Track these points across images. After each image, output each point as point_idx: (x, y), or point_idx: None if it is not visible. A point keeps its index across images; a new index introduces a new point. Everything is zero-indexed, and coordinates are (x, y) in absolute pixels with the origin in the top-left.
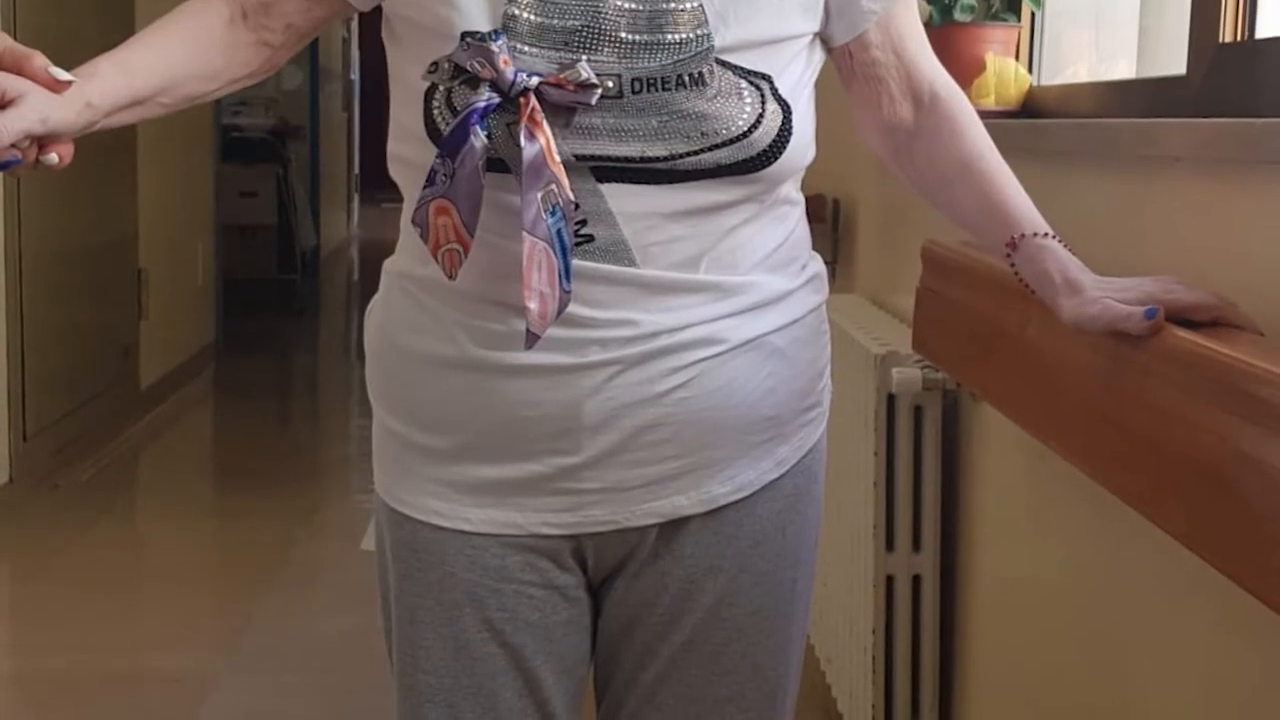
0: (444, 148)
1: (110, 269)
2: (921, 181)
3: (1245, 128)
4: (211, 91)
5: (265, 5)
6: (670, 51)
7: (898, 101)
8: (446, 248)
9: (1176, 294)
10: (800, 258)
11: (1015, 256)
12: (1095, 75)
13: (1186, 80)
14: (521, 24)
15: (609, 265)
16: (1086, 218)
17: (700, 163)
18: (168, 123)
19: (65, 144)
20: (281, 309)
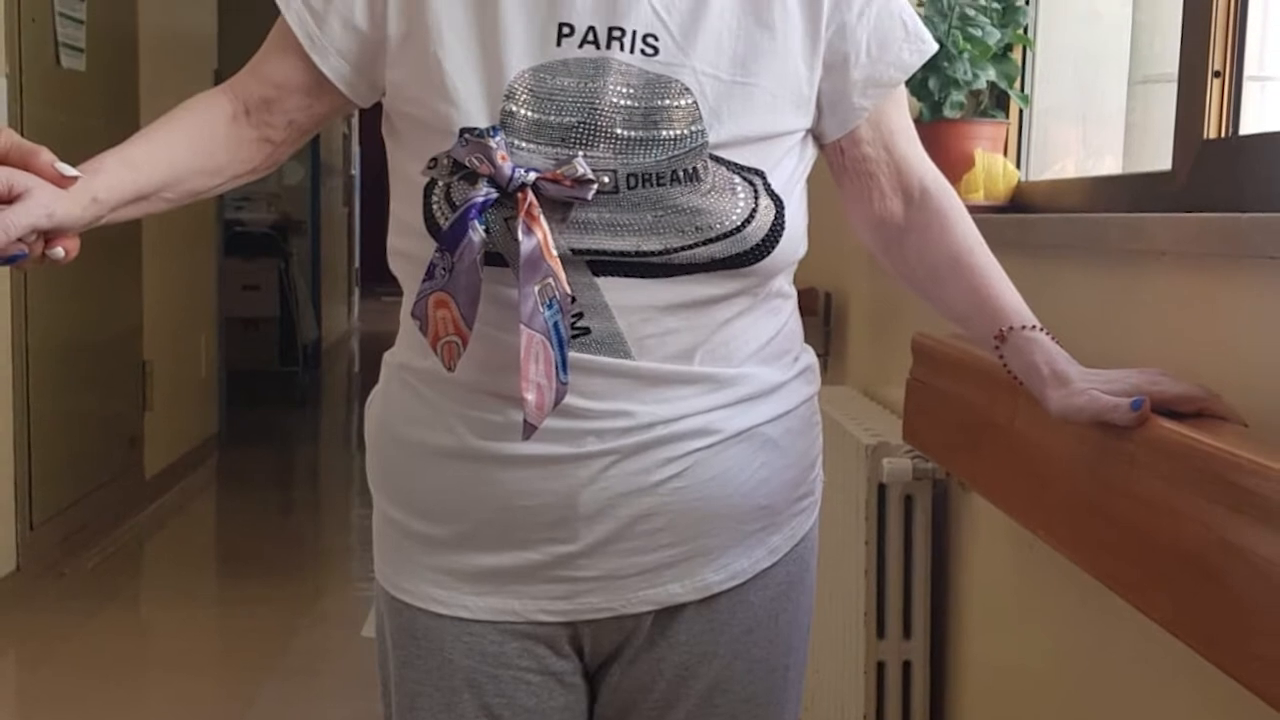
0: (443, 242)
1: (115, 361)
2: (911, 275)
3: (1230, 223)
4: (215, 186)
5: (267, 102)
6: (665, 147)
7: (888, 197)
8: (445, 340)
9: (1162, 386)
10: (793, 350)
11: (1004, 349)
12: (1082, 171)
13: (1172, 176)
14: (519, 120)
15: (605, 357)
16: (1074, 311)
17: (695, 257)
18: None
19: (71, 238)
20: (283, 400)
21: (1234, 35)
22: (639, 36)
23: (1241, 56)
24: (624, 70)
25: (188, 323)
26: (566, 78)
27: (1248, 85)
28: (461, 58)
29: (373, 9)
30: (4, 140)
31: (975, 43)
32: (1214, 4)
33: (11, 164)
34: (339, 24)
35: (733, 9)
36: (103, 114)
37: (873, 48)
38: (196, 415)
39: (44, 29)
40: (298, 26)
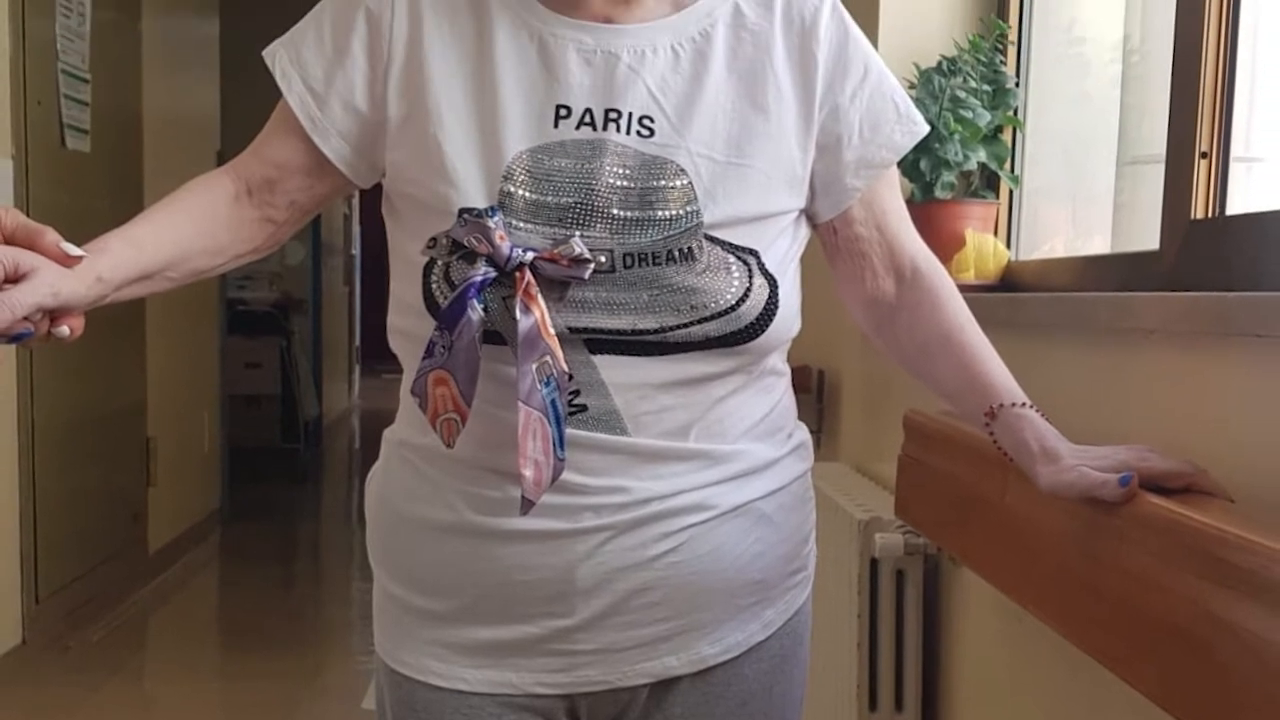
0: (442, 320)
1: (119, 437)
2: (903, 353)
3: (1217, 301)
4: (218, 266)
5: (269, 183)
6: (661, 227)
7: (880, 276)
8: (445, 417)
9: (1150, 462)
10: (786, 427)
11: (994, 425)
12: (1072, 250)
13: (1160, 255)
14: (517, 201)
15: (602, 434)
16: (1064, 388)
17: (690, 335)
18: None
19: (76, 316)
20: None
21: (1221, 117)
22: (635, 118)
23: (1228, 138)
24: (620, 151)
25: (191, 400)
26: (564, 159)
27: (1234, 166)
28: (461, 139)
29: (373, 91)
30: (10, 220)
31: (966, 124)
32: (1201, 86)
33: (18, 244)
34: (340, 106)
35: (727, 92)
36: (107, 194)
37: (865, 129)
38: (199, 491)
39: (49, 111)
40: (299, 108)
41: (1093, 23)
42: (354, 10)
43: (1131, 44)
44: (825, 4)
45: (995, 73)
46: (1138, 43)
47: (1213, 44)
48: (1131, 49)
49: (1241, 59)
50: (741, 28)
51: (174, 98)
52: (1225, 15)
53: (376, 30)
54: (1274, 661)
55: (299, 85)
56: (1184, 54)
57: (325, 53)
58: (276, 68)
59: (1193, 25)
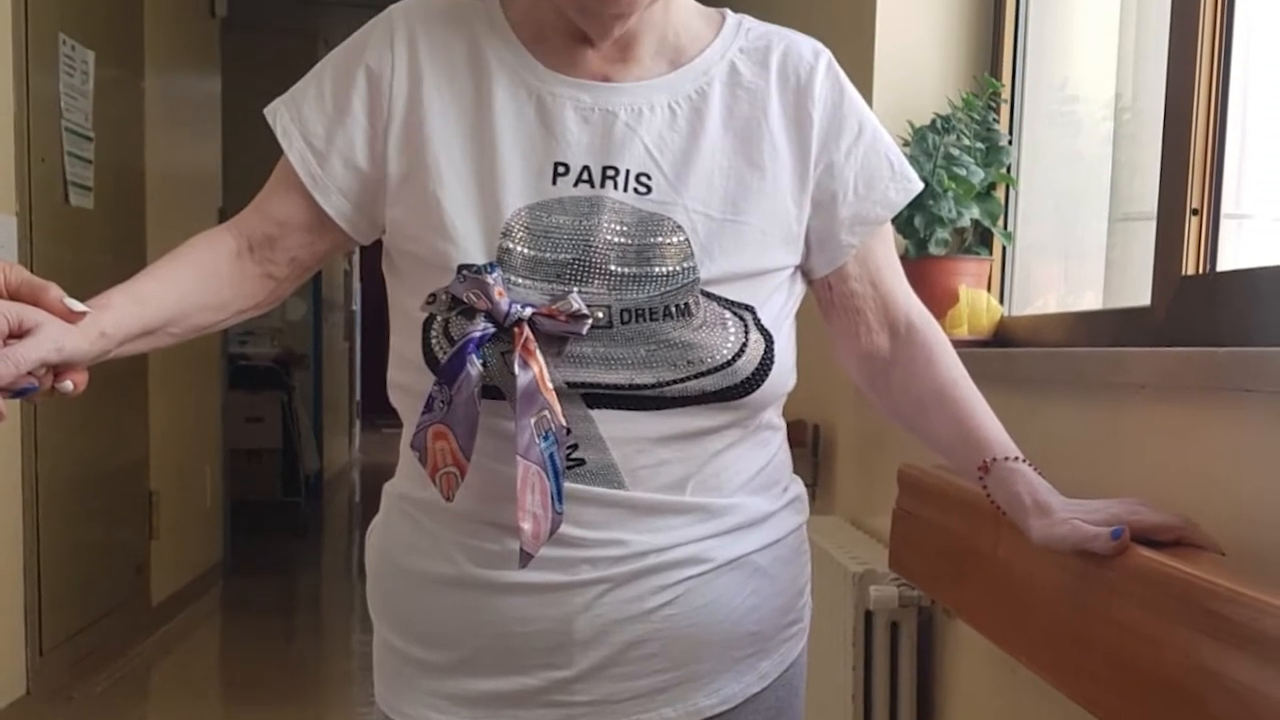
0: (442, 375)
1: (122, 491)
2: (897, 408)
3: (1207, 357)
4: (219, 322)
5: (271, 239)
6: (658, 283)
7: (875, 331)
8: (444, 471)
9: (1141, 515)
10: (782, 480)
11: (987, 479)
12: (1064, 306)
13: (1151, 311)
14: (515, 257)
15: (599, 488)
16: (1056, 442)
17: (686, 390)
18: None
19: (80, 371)
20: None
21: (1211, 174)
22: (632, 175)
23: (1219, 195)
24: (618, 208)
25: (193, 454)
26: (562, 216)
27: (1225, 223)
28: (460, 196)
29: (373, 149)
30: (14, 276)
31: (960, 182)
32: (1192, 144)
33: (22, 299)
34: (340, 163)
35: (723, 149)
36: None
37: (860, 186)
38: (201, 544)
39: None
40: (300, 166)
41: (1085, 81)
42: (354, 68)
43: (1123, 102)
44: (820, 62)
45: (988, 130)
46: (1129, 101)
47: (1203, 102)
48: (1123, 107)
49: (1232, 116)
50: (737, 86)
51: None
52: (1216, 74)
53: (377, 88)
54: (1265, 713)
55: (300, 142)
56: (1175, 112)
57: (326, 110)
58: (278, 125)
59: (1184, 84)
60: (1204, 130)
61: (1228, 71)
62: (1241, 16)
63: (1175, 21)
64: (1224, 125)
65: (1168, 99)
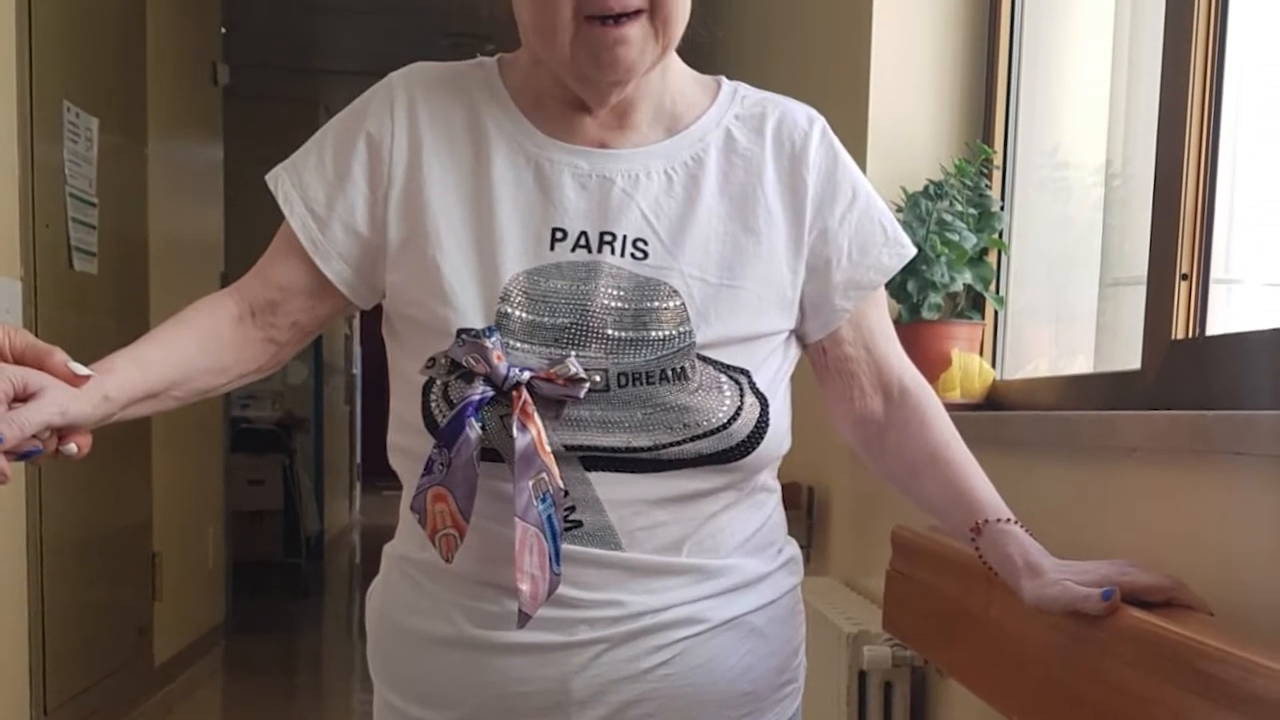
0: (441, 438)
1: (126, 553)
2: (891, 470)
3: (1197, 420)
4: (221, 385)
5: (272, 304)
6: (654, 347)
7: (869, 395)
8: (443, 533)
9: (1132, 576)
10: (777, 542)
11: (979, 541)
12: (1055, 370)
13: (1141, 375)
14: (514, 322)
15: (597, 549)
16: (1048, 504)
17: (683, 453)
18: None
19: (83, 434)
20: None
21: (1201, 240)
22: (629, 241)
23: (1208, 260)
24: (615, 273)
25: (195, 516)
26: (559, 280)
27: (1214, 288)
28: (459, 261)
29: (374, 215)
30: (19, 341)
31: (952, 247)
32: (1182, 210)
33: (27, 363)
34: (341, 229)
35: (719, 215)
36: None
37: (854, 251)
38: (204, 605)
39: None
40: (301, 231)
41: (1076, 147)
42: (355, 135)
43: (1114, 168)
44: (815, 129)
45: (981, 196)
46: (1120, 167)
47: (1193, 168)
48: (1114, 173)
49: (1221, 182)
50: (733, 152)
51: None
52: (1205, 140)
53: (377, 154)
54: None
55: (301, 208)
56: (1165, 178)
57: (327, 176)
58: (279, 191)
59: (1173, 150)
60: (1194, 196)
61: (1217, 137)
62: (1231, 83)
63: (1165, 88)
64: (1213, 191)
65: (1158, 165)
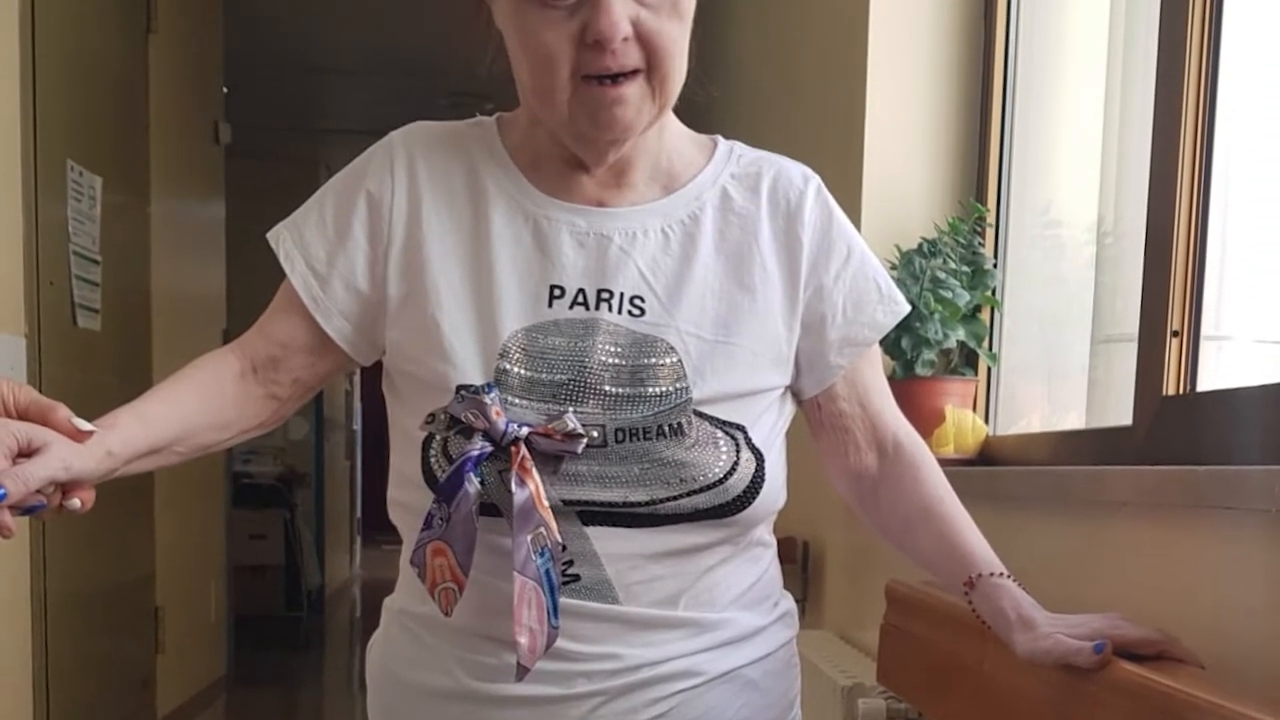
0: (440, 493)
1: (129, 606)
2: (885, 525)
3: (1187, 475)
4: (224, 441)
5: (274, 360)
6: (651, 404)
7: (863, 450)
8: (443, 586)
9: (1123, 630)
10: (773, 596)
11: (973, 595)
12: (1047, 426)
13: (1133, 431)
14: (512, 378)
15: (594, 603)
16: (1040, 558)
17: (679, 507)
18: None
19: (87, 490)
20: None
21: (1191, 297)
22: (626, 298)
23: (1199, 317)
24: (612, 330)
25: (198, 570)
26: (558, 337)
27: (1204, 344)
28: (458, 318)
29: (374, 272)
30: (24, 396)
31: (946, 304)
32: (1172, 268)
33: (31, 419)
34: (341, 286)
35: (715, 272)
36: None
37: (848, 309)
38: (206, 658)
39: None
40: (302, 288)
41: (1068, 205)
42: (355, 193)
43: (1105, 226)
44: (810, 187)
45: (974, 254)
46: (1111, 225)
47: (1184, 227)
48: (1105, 231)
49: (1212, 240)
50: (729, 210)
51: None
52: (1196, 198)
53: (377, 213)
54: None
55: (302, 266)
56: (1156, 236)
57: (327, 234)
58: (280, 249)
59: (1164, 209)
60: (1184, 254)
61: (1208, 196)
62: (1221, 142)
63: (1156, 147)
64: (1204, 249)
65: (1149, 223)
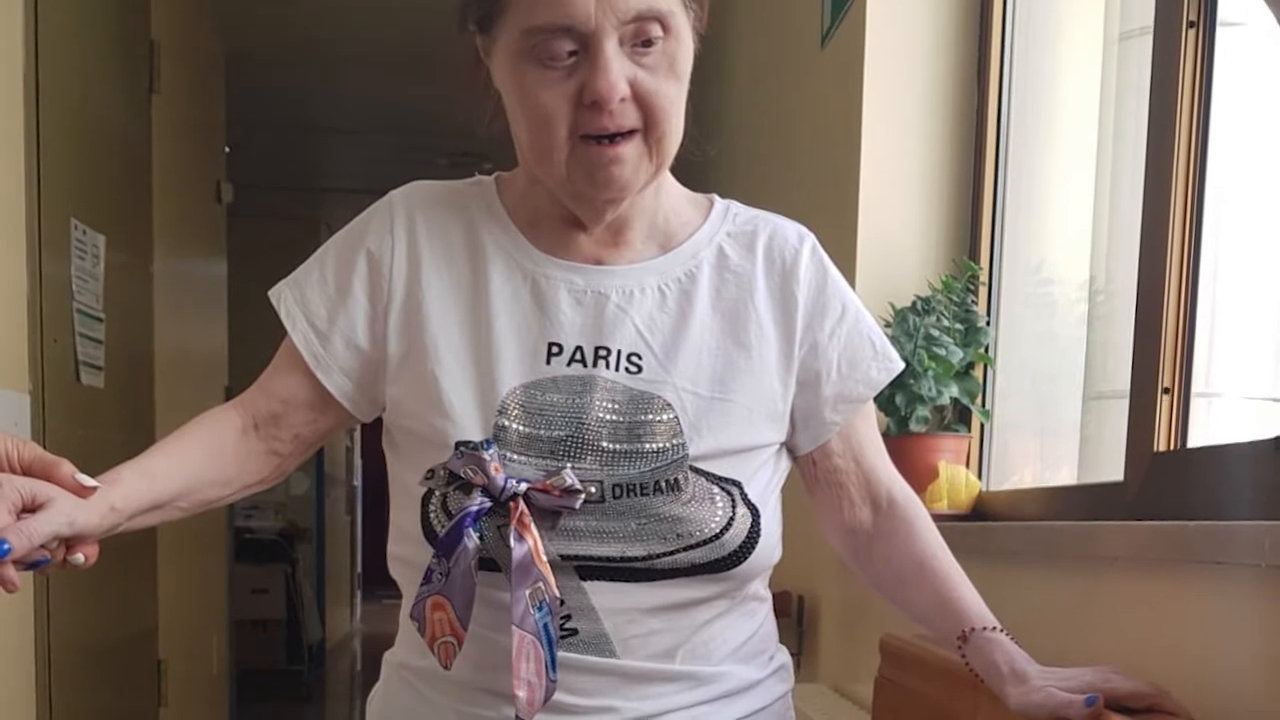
0: (440, 548)
1: (132, 660)
2: (879, 579)
3: (1178, 530)
4: (226, 496)
5: (275, 417)
6: (648, 460)
7: (857, 506)
8: (442, 640)
9: (1114, 683)
10: (768, 649)
11: (966, 648)
12: (1040, 481)
13: (1124, 486)
14: (511, 434)
15: (592, 656)
16: (1033, 612)
17: (676, 562)
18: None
19: (91, 545)
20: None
21: (1182, 355)
22: (624, 355)
23: (1189, 374)
24: (609, 387)
25: (200, 624)
26: (555, 394)
27: (1195, 401)
28: (457, 375)
29: (374, 329)
30: (28, 453)
31: (939, 361)
32: (1163, 325)
33: (35, 475)
34: (342, 343)
35: (712, 330)
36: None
37: (843, 366)
38: (208, 711)
39: (65, 349)
40: (303, 346)
41: (1060, 264)
42: (355, 252)
43: (1097, 284)
44: (805, 246)
45: (967, 312)
46: (1103, 283)
47: (1175, 285)
48: (1097, 289)
49: (1202, 298)
50: (725, 269)
51: (184, 335)
52: (1187, 257)
53: (377, 271)
54: None
55: (303, 324)
56: (1147, 295)
57: (328, 292)
58: (282, 307)
59: (1155, 267)
60: (1175, 312)
61: (1198, 255)
62: (1211, 202)
63: (1147, 206)
64: (1194, 307)
65: (1140, 281)
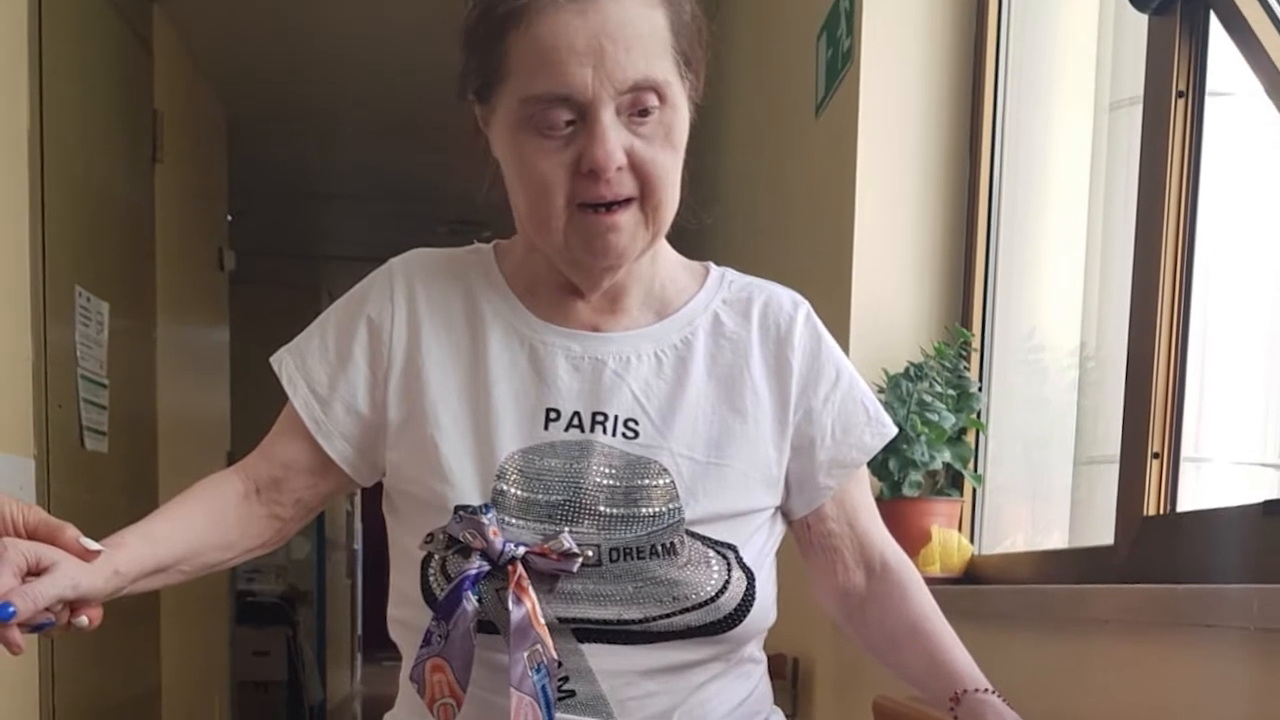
0: (439, 611)
1: None
2: (872, 642)
3: (1167, 593)
4: (228, 560)
5: (276, 481)
6: (645, 524)
7: (851, 569)
8: (441, 702)
9: None
10: (763, 711)
11: (958, 710)
12: (1031, 545)
13: (1114, 550)
14: (509, 499)
15: (589, 718)
16: (1024, 675)
17: (672, 625)
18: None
19: (94, 607)
20: None
21: (1172, 420)
22: (620, 421)
23: (1179, 440)
24: (606, 452)
25: (202, 686)
26: (553, 459)
27: (1184, 466)
28: (456, 440)
29: (374, 395)
30: (33, 517)
31: (932, 426)
32: (1153, 391)
33: (39, 539)
34: (343, 409)
35: (707, 396)
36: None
37: (837, 431)
38: None
39: (69, 414)
40: (304, 411)
41: (1051, 330)
42: (356, 318)
43: (1088, 351)
44: (799, 313)
45: (959, 378)
46: (1093, 350)
47: (1164, 351)
48: (1088, 355)
49: (1191, 364)
50: (721, 335)
51: (187, 401)
52: (1176, 325)
53: (377, 337)
54: None
55: (304, 389)
56: (1137, 361)
57: (329, 359)
58: (283, 373)
59: (1145, 334)
60: (1165, 378)
61: (1187, 321)
62: (1200, 269)
63: (1137, 274)
64: (1184, 373)
65: (1130, 348)
